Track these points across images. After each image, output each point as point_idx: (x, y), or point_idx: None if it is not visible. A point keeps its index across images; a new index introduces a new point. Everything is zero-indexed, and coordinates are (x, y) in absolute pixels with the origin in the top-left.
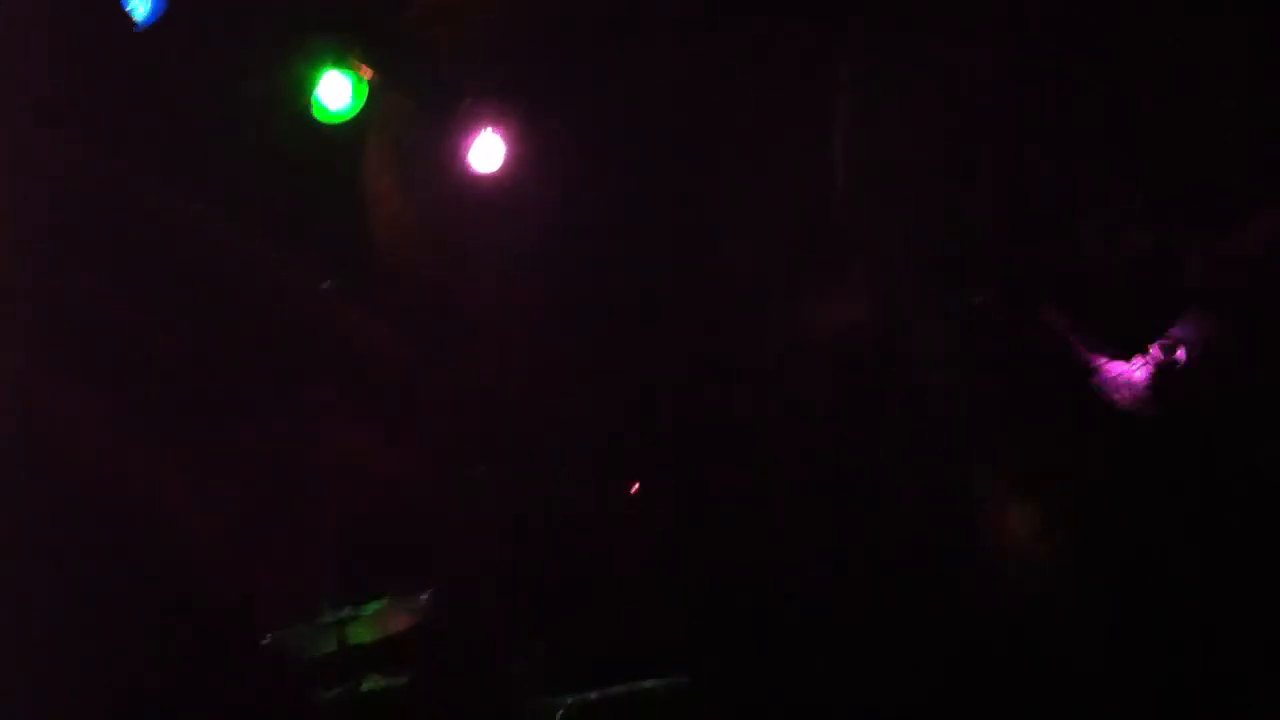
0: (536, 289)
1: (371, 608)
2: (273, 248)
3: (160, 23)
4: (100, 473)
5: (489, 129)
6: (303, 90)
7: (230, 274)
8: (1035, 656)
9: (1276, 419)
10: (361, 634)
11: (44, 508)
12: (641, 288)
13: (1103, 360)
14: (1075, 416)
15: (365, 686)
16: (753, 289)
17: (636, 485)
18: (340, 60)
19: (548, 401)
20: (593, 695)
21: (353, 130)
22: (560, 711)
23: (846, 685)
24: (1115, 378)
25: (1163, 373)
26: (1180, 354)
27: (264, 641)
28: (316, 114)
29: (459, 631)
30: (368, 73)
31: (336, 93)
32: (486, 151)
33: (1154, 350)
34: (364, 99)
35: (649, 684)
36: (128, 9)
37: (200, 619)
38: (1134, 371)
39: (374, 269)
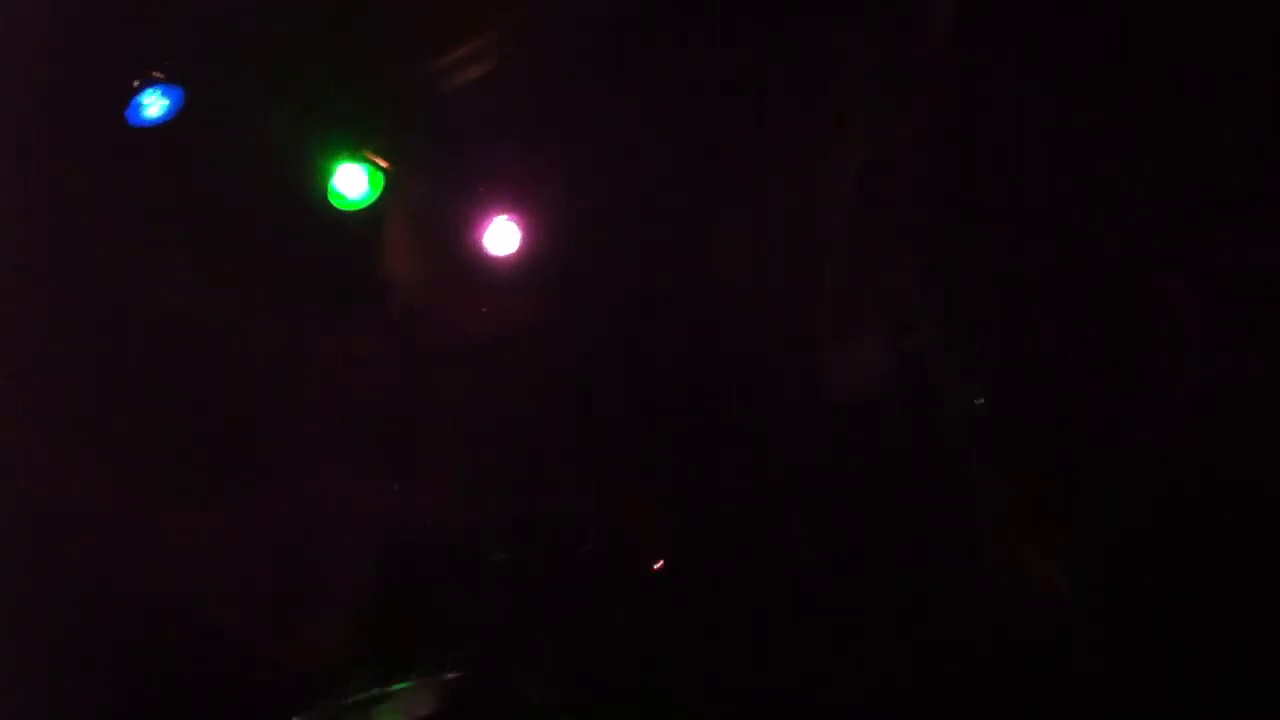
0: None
1: (399, 687)
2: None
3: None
4: (105, 543)
5: (504, 215)
6: (320, 180)
7: (238, 349)
8: (1035, 659)
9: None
10: (389, 716)
11: (55, 586)
12: (651, 314)
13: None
14: (1076, 420)
15: None
16: (755, 300)
17: (661, 562)
18: (356, 152)
19: (559, 455)
20: None
21: (369, 217)
22: None
23: (848, 690)
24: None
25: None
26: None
27: None
28: (334, 202)
29: (489, 712)
30: (384, 163)
31: (354, 182)
32: (502, 236)
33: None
34: (381, 188)
35: None
36: (143, 105)
37: (219, 692)
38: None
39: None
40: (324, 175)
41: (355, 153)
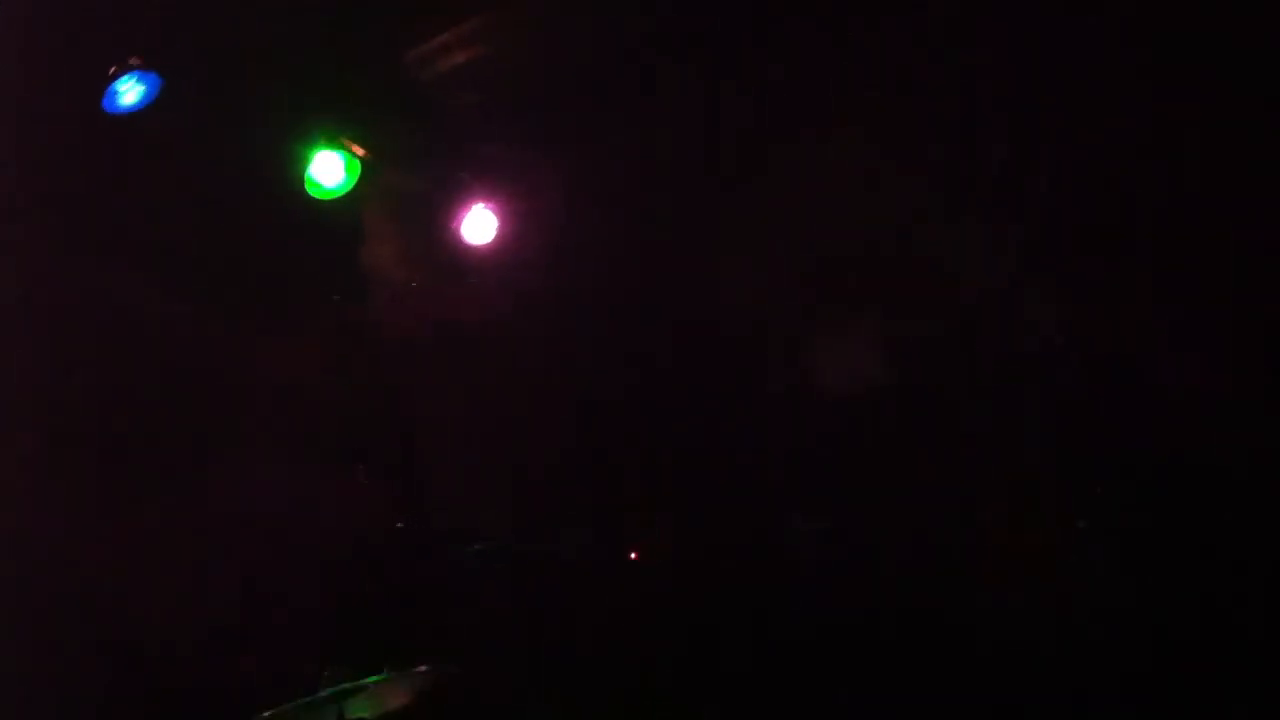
0: (529, 340)
1: (371, 681)
2: (259, 314)
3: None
4: (60, 555)
5: (481, 204)
6: (297, 168)
7: (211, 347)
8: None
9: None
10: (360, 709)
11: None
12: (637, 335)
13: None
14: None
15: None
16: (753, 331)
17: (635, 554)
18: (334, 139)
19: (543, 454)
20: None
21: (347, 205)
22: None
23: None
24: None
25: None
26: None
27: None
28: (311, 190)
29: (461, 704)
30: (360, 151)
31: (330, 170)
32: (479, 225)
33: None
34: (357, 176)
35: None
36: (119, 92)
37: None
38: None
39: (363, 329)
40: (301, 163)
41: (332, 140)
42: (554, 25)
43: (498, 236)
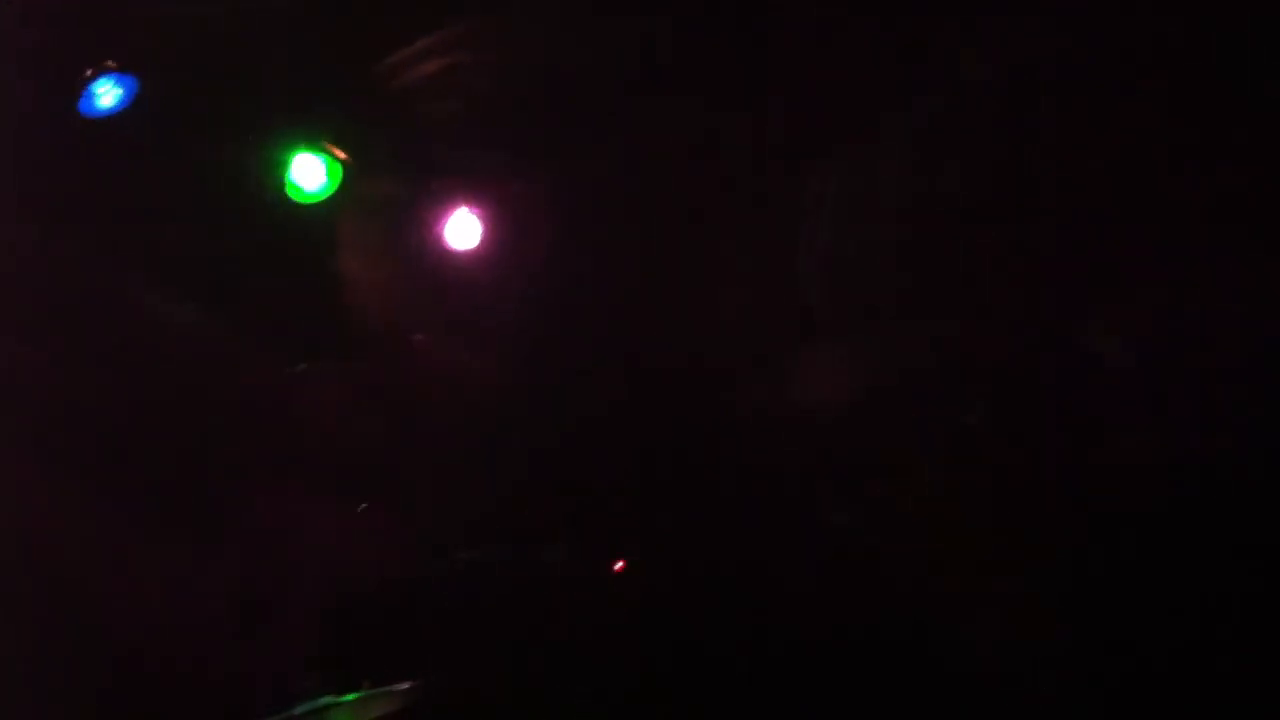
0: (517, 360)
1: (352, 696)
2: (244, 332)
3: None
4: (79, 570)
5: (465, 207)
6: (277, 172)
7: (198, 361)
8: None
9: None
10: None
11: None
12: (627, 355)
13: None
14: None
15: None
16: (740, 354)
17: (621, 564)
18: (313, 142)
19: (530, 476)
20: None
21: (328, 210)
22: None
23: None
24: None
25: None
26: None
27: None
28: (291, 195)
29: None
30: (341, 154)
31: (310, 174)
32: (463, 229)
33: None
34: (339, 180)
35: None
36: (95, 95)
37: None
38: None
39: (350, 348)
40: (281, 166)
41: (313, 143)
42: (537, 32)
43: (482, 241)
